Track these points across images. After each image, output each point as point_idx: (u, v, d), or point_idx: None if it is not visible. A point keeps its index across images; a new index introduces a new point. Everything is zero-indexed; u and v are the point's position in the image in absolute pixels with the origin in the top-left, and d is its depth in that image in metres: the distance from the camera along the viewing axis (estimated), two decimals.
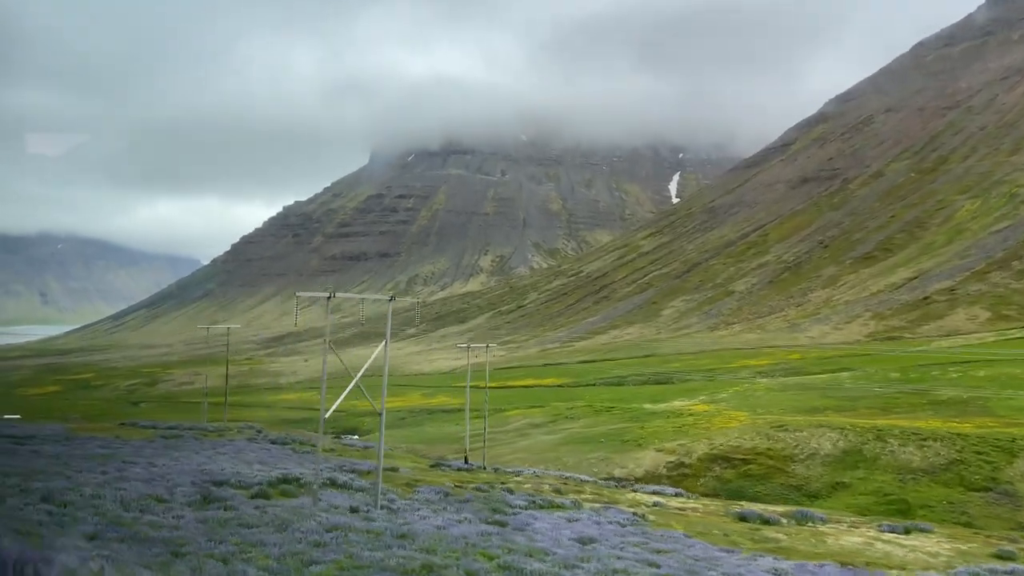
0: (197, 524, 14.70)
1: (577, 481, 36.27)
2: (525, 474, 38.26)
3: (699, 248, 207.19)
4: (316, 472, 24.90)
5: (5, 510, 14.72)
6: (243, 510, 17.34)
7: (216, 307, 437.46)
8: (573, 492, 29.23)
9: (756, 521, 25.54)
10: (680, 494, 34.92)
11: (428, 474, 33.48)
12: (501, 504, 23.39)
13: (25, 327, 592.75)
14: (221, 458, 30.87)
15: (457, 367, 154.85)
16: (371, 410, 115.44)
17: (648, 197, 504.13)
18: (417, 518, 19.34)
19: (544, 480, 35.52)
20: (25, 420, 76.44)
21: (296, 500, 20.49)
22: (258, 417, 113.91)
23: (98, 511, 15.19)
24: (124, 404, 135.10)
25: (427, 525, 17.60)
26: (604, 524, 20.77)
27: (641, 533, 19.33)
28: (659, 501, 28.52)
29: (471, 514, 20.70)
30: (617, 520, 21.74)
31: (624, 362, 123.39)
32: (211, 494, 19.51)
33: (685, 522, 23.62)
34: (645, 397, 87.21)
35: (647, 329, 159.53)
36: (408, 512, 20.56)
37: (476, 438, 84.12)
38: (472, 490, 27.11)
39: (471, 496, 24.98)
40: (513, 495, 26.08)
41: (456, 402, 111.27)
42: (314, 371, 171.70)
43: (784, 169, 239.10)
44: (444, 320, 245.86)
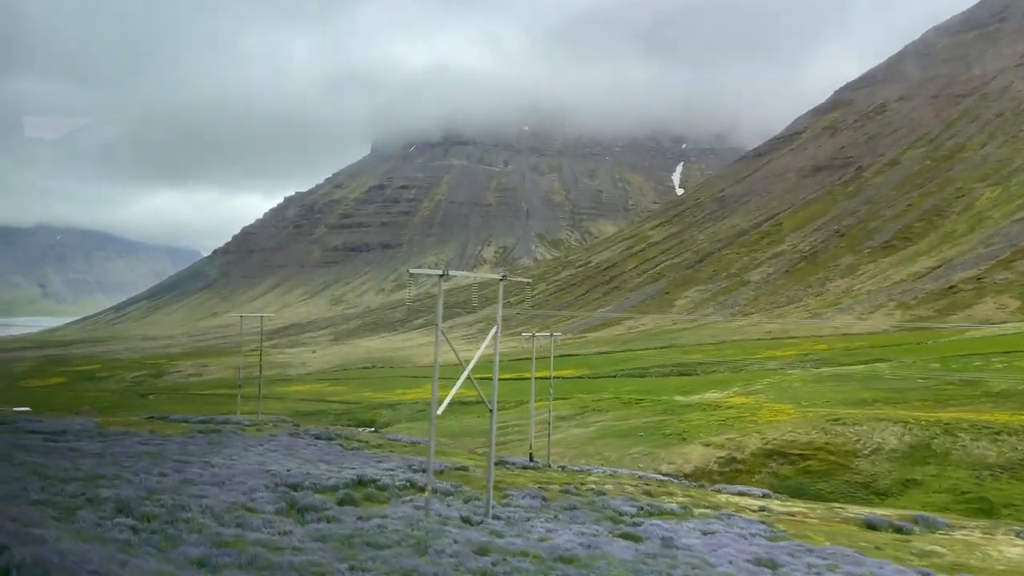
0: (314, 543, 12.28)
1: (658, 481, 33.87)
2: (597, 472, 35.87)
3: (711, 238, 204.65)
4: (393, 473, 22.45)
5: (82, 526, 12.25)
6: (347, 522, 14.98)
7: (218, 298, 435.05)
8: (664, 494, 26.91)
9: (887, 529, 23.17)
10: (768, 495, 32.51)
11: (502, 475, 30.88)
12: (612, 512, 21.04)
13: (25, 318, 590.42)
14: (273, 455, 28.44)
15: (469, 358, 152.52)
16: (385, 402, 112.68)
17: (651, 187, 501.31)
18: (543, 531, 16.99)
19: (621, 480, 33.17)
20: (35, 413, 74.08)
21: (392, 507, 18.12)
22: (271, 409, 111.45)
23: (191, 526, 12.78)
24: (132, 396, 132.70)
25: (568, 542, 15.20)
26: (750, 537, 18.35)
27: (805, 550, 16.94)
28: (764, 505, 26.09)
29: (594, 525, 18.35)
30: (753, 531, 19.31)
31: (643, 353, 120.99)
32: (296, 501, 17.14)
33: (824, 532, 21.20)
34: (673, 389, 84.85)
35: (662, 319, 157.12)
36: (524, 522, 18.20)
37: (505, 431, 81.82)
38: (561, 493, 24.80)
39: (575, 502, 22.58)
40: (614, 499, 23.70)
41: (473, 394, 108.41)
42: (323, 362, 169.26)
43: (795, 158, 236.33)
44: (451, 310, 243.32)
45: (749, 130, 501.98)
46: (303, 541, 12.35)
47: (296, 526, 13.98)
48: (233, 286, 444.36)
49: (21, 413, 71.03)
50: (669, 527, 18.64)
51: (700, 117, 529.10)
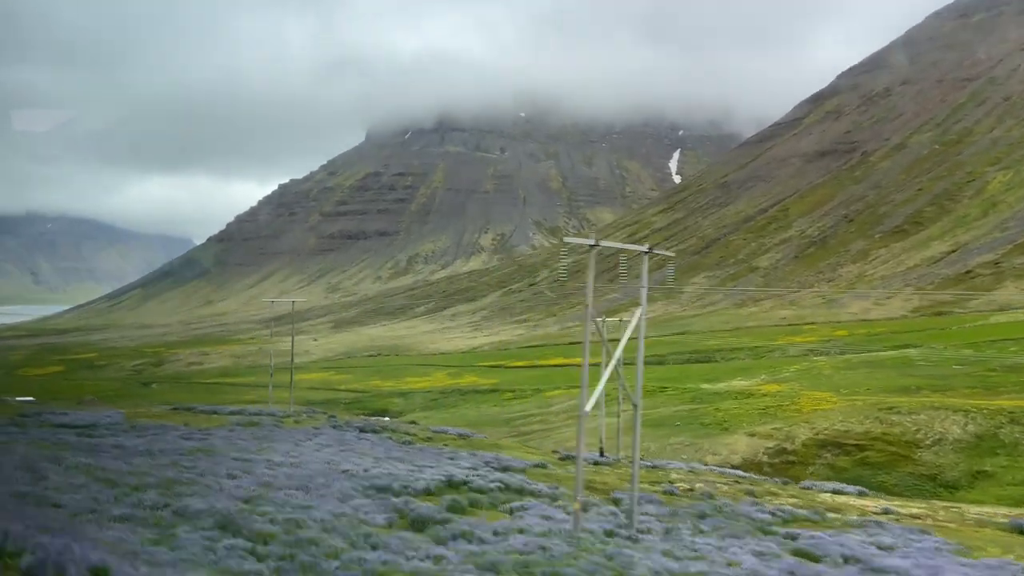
0: (487, 573, 10.09)
1: (751, 479, 31.73)
2: (673, 468, 33.73)
3: (716, 224, 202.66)
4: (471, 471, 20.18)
5: (192, 552, 9.96)
6: (491, 540, 12.77)
7: (213, 286, 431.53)
8: (767, 494, 24.80)
9: None
10: (863, 492, 30.39)
11: (587, 473, 28.40)
12: (747, 519, 18.85)
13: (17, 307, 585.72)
14: (328, 450, 26.19)
15: (477, 346, 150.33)
16: (396, 390, 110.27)
17: (649, 175, 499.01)
18: (710, 548, 14.80)
19: (708, 477, 31.06)
20: (40, 402, 71.67)
21: (515, 519, 15.92)
22: (280, 397, 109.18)
23: (321, 549, 10.54)
24: (134, 384, 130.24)
25: (764, 567, 13.04)
26: (936, 553, 16.13)
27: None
28: (887, 507, 23.85)
29: (753, 539, 16.15)
30: (928, 545, 17.07)
31: (656, 340, 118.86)
32: (403, 510, 14.92)
33: (997, 543, 19.03)
34: (696, 376, 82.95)
35: (671, 306, 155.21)
36: (675, 538, 16.02)
37: (517, 420, 79.70)
38: (666, 495, 22.64)
39: (703, 508, 20.33)
40: (733, 503, 21.51)
41: (487, 382, 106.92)
42: (326, 350, 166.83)
43: (798, 143, 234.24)
44: (453, 298, 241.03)
45: (744, 117, 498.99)
46: (468, 569, 10.14)
47: (436, 546, 11.78)
48: (228, 274, 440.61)
49: (28, 403, 68.61)
50: (835, 540, 16.44)
51: (696, 104, 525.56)
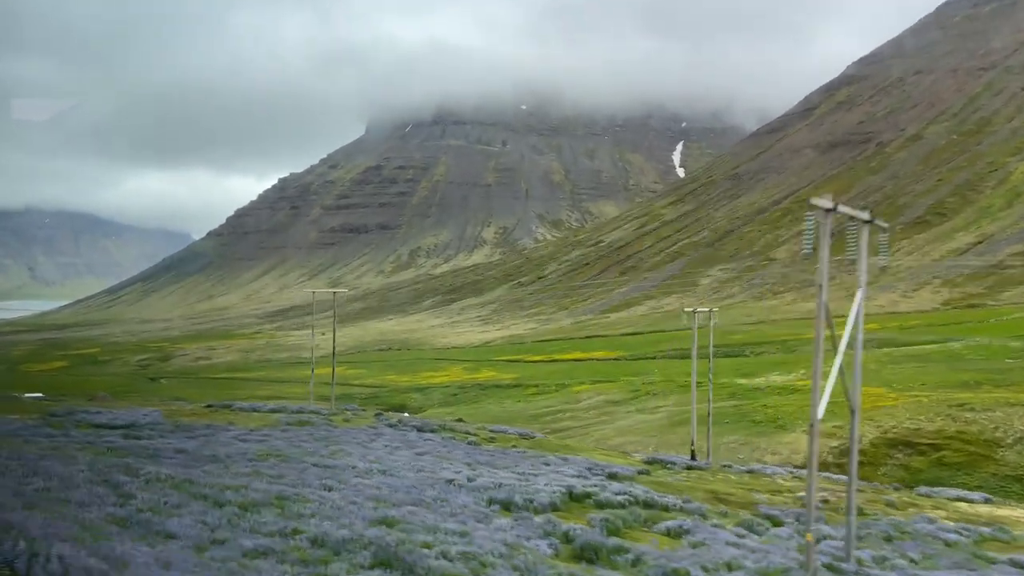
0: None
1: (875, 488, 29.05)
2: (773, 473, 31.06)
3: (728, 215, 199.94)
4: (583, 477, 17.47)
5: None
6: None
7: (214, 280, 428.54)
8: (909, 505, 22.18)
9: None
10: (989, 499, 27.74)
11: (693, 482, 25.58)
12: (945, 541, 16.21)
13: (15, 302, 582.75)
14: (400, 453, 23.47)
15: (490, 340, 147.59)
16: (413, 385, 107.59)
17: (652, 167, 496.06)
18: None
19: (821, 485, 28.39)
20: (50, 399, 68.95)
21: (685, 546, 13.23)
22: (295, 393, 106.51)
23: None
24: (142, 380, 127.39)
25: None
26: None
27: None
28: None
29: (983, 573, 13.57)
30: None
31: (678, 334, 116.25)
32: (564, 534, 12.26)
33: None
34: (730, 371, 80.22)
35: (686, 299, 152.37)
36: (904, 572, 13.38)
37: (546, 417, 77.01)
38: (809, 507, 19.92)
39: (887, 529, 17.57)
40: (904, 520, 18.81)
41: (506, 377, 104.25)
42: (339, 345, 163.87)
43: (810, 134, 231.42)
44: (459, 292, 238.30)
45: (747, 108, 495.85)
46: None
47: None
48: (229, 268, 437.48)
49: (47, 401, 65.87)
50: None
51: (698, 95, 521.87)
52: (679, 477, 25.24)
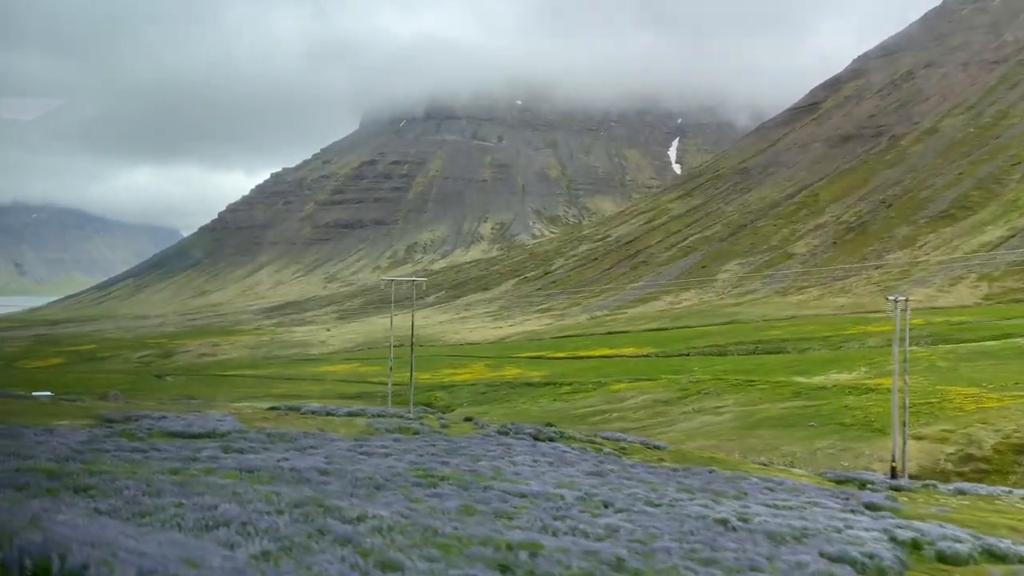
0: None
1: None
2: (987, 493, 26.97)
3: (740, 210, 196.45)
4: None
5: None
6: None
7: (206, 276, 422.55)
8: None
9: None
10: None
11: (978, 510, 21.09)
12: None
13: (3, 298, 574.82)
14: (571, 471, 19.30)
15: (505, 336, 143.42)
16: (436, 383, 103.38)
17: (648, 163, 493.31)
18: None
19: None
20: (59, 397, 64.36)
21: None
22: (311, 391, 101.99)
23: None
24: (147, 377, 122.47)
25: None
26: None
27: None
28: None
29: None
30: None
31: (707, 330, 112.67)
32: None
33: None
34: (778, 369, 76.49)
35: (705, 295, 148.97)
36: None
37: (591, 417, 72.95)
38: None
39: None
40: None
41: (535, 375, 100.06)
42: (344, 340, 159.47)
43: (818, 128, 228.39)
44: (464, 288, 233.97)
45: (741, 104, 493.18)
46: None
47: None
48: (222, 264, 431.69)
49: (63, 400, 61.35)
50: None
51: (693, 91, 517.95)
52: (950, 505, 20.91)
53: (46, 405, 35.18)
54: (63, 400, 57.81)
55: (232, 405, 45.48)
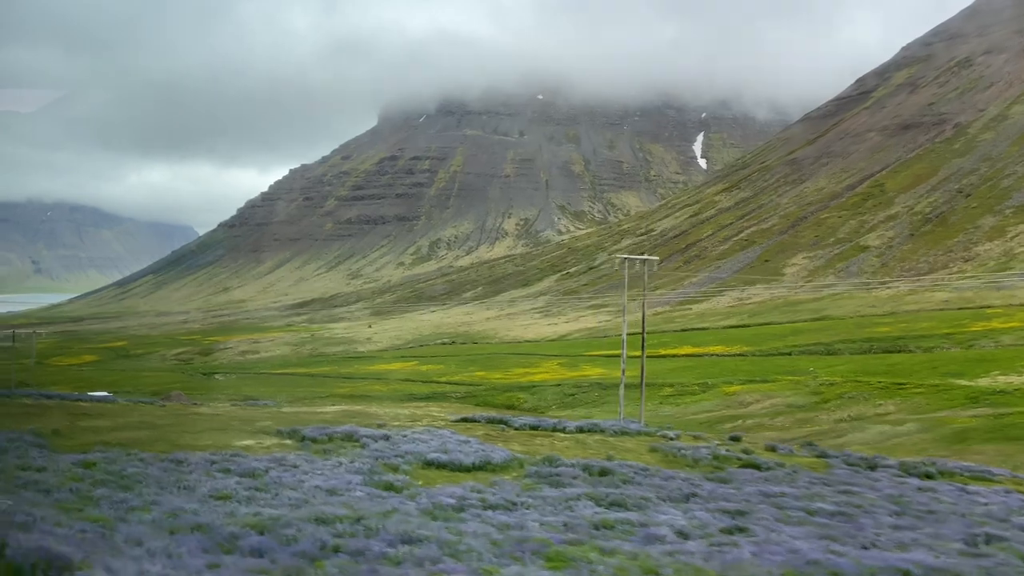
0: None
1: None
2: None
3: (796, 201, 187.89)
4: None
5: None
6: None
7: (227, 272, 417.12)
8: None
9: None
10: None
11: None
12: None
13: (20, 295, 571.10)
14: None
15: (566, 333, 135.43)
16: (515, 383, 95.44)
17: (673, 158, 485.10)
18: None
19: None
20: (124, 399, 57.03)
21: None
22: (377, 391, 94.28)
23: None
24: (195, 376, 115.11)
25: None
26: None
27: None
28: None
29: None
30: None
31: (797, 327, 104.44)
32: None
33: None
34: (925, 371, 68.14)
35: (775, 289, 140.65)
36: None
37: (720, 424, 64.94)
38: None
39: None
40: None
41: (628, 374, 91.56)
42: (390, 338, 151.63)
43: (872, 117, 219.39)
44: (501, 284, 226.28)
45: (757, 98, 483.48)
46: None
47: None
48: (243, 260, 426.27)
49: (140, 403, 53.91)
50: None
51: (713, 85, 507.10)
52: None
53: (201, 417, 27.48)
54: (126, 402, 50.28)
55: (344, 408, 37.91)
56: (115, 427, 23.05)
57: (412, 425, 24.97)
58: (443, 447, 18.00)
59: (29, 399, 45.40)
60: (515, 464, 17.03)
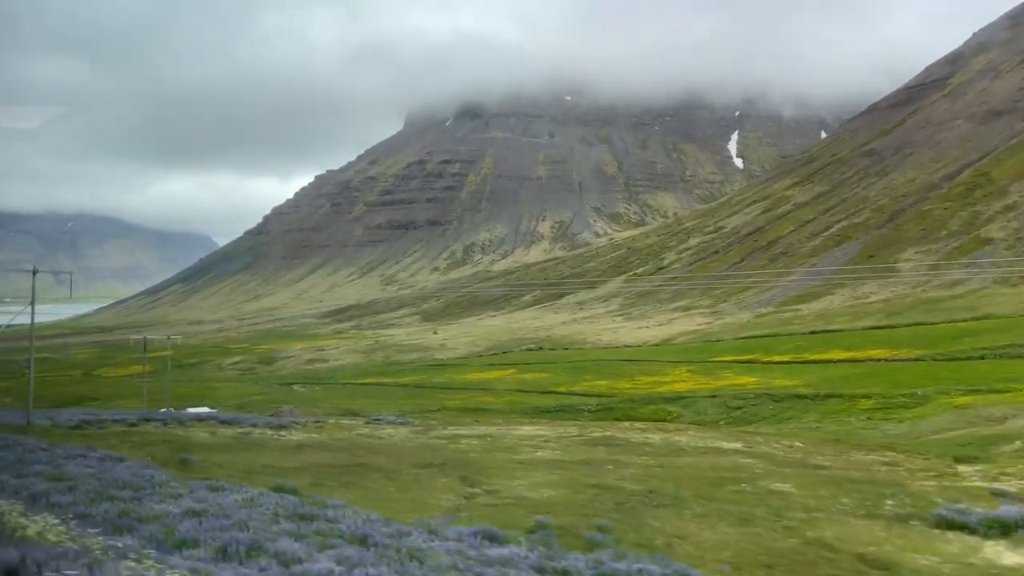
0: None
1: None
2: None
3: (887, 194, 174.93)
4: None
5: None
6: None
7: (257, 280, 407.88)
8: None
9: None
10: None
11: None
12: None
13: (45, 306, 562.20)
14: None
15: (670, 336, 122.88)
16: (652, 393, 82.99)
17: (708, 157, 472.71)
18: None
19: None
20: (224, 417, 45.44)
21: None
22: (490, 403, 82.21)
23: None
24: (273, 386, 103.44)
25: None
26: None
27: None
28: None
29: None
30: None
31: (962, 327, 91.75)
32: None
33: None
34: None
35: (894, 287, 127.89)
36: None
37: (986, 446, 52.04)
38: None
39: None
40: None
41: (788, 383, 79.15)
42: (467, 344, 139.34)
43: (953, 105, 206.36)
44: (561, 286, 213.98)
45: (784, 95, 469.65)
46: None
47: None
48: (272, 268, 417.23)
49: (214, 416, 42.38)
50: None
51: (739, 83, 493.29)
52: None
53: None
54: (239, 422, 38.38)
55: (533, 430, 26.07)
56: None
57: None
58: None
59: (206, 428, 33.72)
60: None
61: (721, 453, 32.12)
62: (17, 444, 20.60)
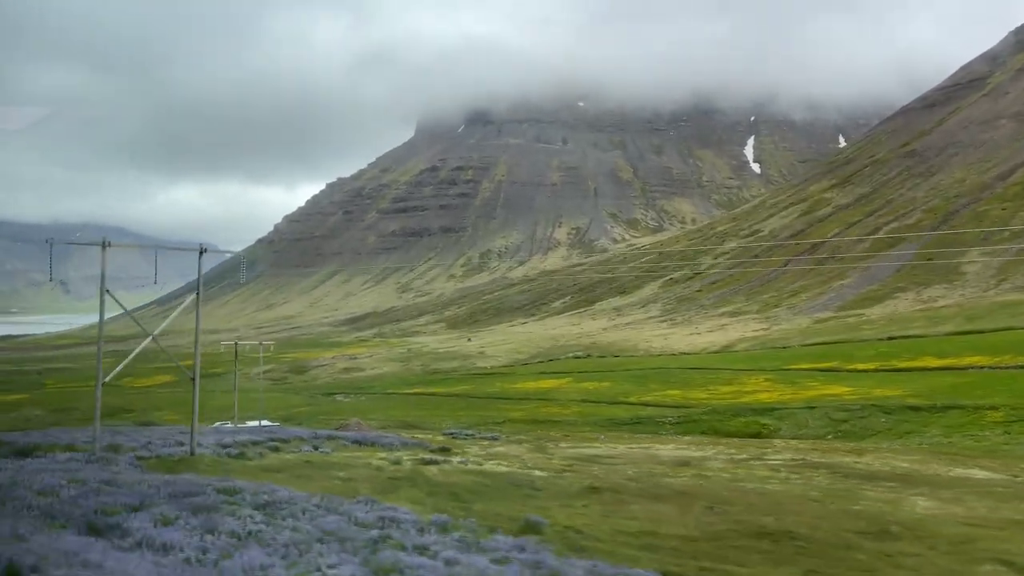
0: None
1: None
2: None
3: (935, 195, 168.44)
4: None
5: None
6: None
7: (270, 288, 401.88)
8: None
9: None
10: None
11: None
12: None
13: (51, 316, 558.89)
14: None
15: (728, 344, 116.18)
16: (733, 404, 76.47)
17: (724, 163, 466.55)
18: None
19: None
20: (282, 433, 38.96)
21: None
22: (561, 415, 75.57)
23: None
24: (316, 397, 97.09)
25: None
26: None
27: None
28: None
29: None
30: None
31: None
32: None
33: None
34: None
35: (962, 289, 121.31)
36: None
37: None
38: None
39: None
40: None
41: (879, 392, 72.75)
42: (508, 351, 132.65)
43: (996, 104, 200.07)
44: (593, 292, 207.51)
45: (793, 99, 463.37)
46: None
47: None
48: (285, 276, 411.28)
49: (281, 430, 35.82)
50: None
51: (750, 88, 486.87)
52: None
53: None
54: (306, 437, 31.82)
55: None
56: None
57: None
58: None
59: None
60: None
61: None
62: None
